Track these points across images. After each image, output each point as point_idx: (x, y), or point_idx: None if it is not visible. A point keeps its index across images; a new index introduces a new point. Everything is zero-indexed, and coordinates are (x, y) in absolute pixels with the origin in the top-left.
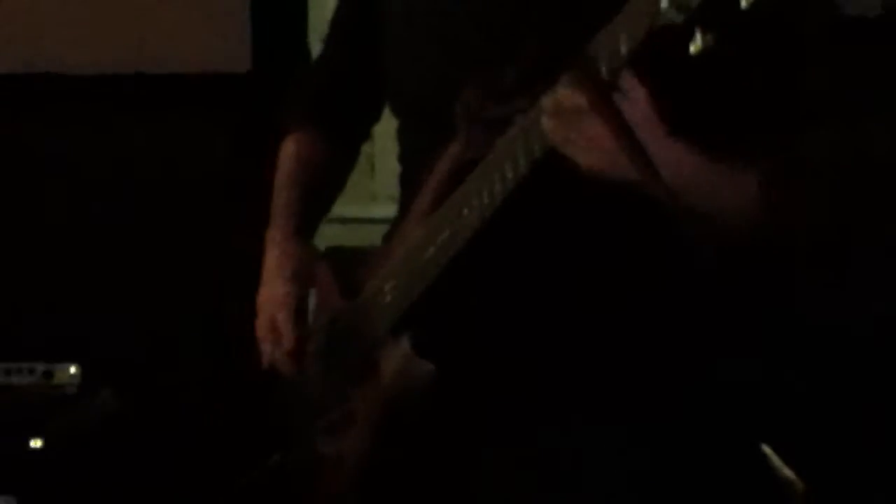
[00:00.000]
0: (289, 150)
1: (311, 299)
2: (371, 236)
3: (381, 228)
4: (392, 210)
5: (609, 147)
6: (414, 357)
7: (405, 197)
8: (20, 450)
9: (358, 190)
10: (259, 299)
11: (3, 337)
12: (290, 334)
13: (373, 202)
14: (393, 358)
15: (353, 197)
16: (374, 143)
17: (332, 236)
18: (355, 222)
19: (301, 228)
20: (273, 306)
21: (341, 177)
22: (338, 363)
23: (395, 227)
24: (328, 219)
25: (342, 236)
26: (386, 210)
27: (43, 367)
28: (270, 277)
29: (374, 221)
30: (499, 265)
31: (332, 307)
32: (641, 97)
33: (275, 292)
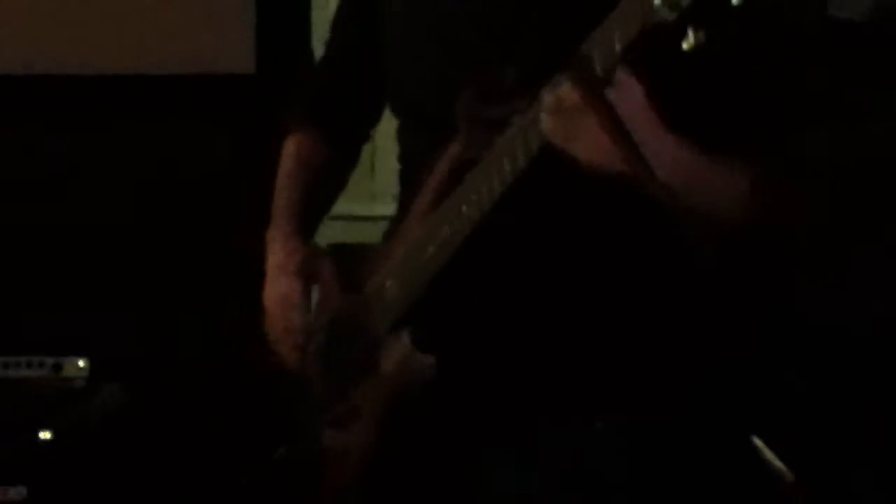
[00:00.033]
0: (290, 151)
1: (313, 295)
2: (371, 234)
3: (382, 226)
4: (392, 208)
5: (607, 144)
6: (414, 351)
7: (405, 196)
8: (30, 441)
9: (358, 188)
10: (266, 299)
11: (13, 332)
12: (297, 330)
13: (373, 201)
14: (394, 352)
15: (354, 195)
16: (375, 142)
17: (332, 234)
18: (356, 220)
19: (301, 228)
20: (285, 305)
21: (342, 177)
22: (341, 358)
23: (395, 226)
24: (329, 216)
25: (343, 234)
26: (386, 208)
27: (52, 361)
28: (275, 276)
29: (375, 219)
30: (499, 264)
31: (334, 303)
32: (638, 93)
33: (282, 290)
